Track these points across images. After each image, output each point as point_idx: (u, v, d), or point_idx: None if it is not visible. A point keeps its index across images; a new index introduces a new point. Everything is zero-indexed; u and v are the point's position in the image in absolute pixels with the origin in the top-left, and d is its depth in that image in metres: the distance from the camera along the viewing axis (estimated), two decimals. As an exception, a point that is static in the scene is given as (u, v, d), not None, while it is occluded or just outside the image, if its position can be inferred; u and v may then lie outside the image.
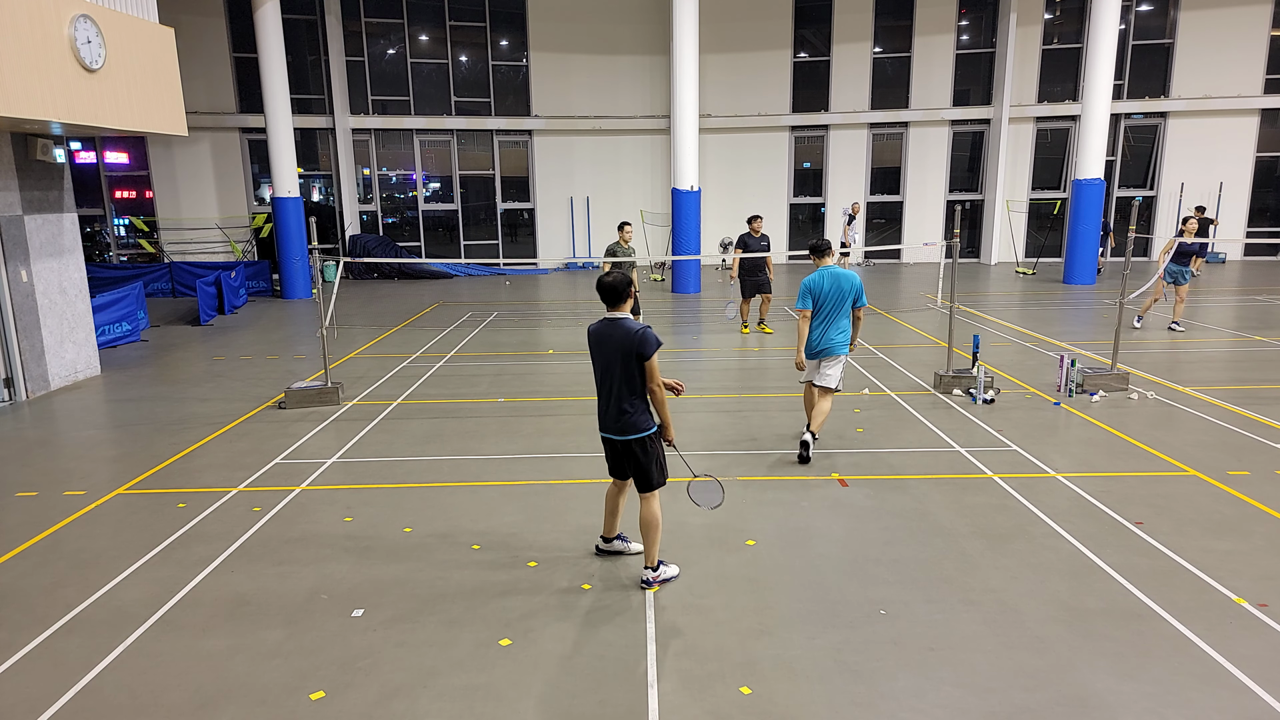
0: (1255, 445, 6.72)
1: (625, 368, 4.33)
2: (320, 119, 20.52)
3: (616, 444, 4.51)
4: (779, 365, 10.01)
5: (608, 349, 4.37)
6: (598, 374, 4.48)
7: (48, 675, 3.78)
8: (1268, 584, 4.43)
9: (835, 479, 6.09)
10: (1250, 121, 21.03)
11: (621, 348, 4.31)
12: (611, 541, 4.86)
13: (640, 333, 4.29)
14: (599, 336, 4.42)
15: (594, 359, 4.48)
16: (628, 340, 4.29)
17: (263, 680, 3.72)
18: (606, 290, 4.40)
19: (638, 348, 4.28)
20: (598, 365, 4.46)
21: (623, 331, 4.32)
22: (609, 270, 4.41)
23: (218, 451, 6.98)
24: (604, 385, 4.45)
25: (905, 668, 3.74)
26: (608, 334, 4.37)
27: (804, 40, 21.62)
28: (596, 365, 4.47)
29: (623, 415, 4.41)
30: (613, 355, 4.35)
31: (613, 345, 4.35)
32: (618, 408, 4.41)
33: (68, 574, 4.78)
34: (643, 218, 21.50)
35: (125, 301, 12.08)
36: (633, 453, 4.46)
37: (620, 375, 4.35)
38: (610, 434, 4.51)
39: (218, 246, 20.81)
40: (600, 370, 4.45)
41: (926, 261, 21.79)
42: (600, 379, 4.47)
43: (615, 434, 4.48)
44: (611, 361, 4.36)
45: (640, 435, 4.43)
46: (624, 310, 4.39)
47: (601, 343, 4.41)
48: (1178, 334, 11.40)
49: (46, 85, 7.49)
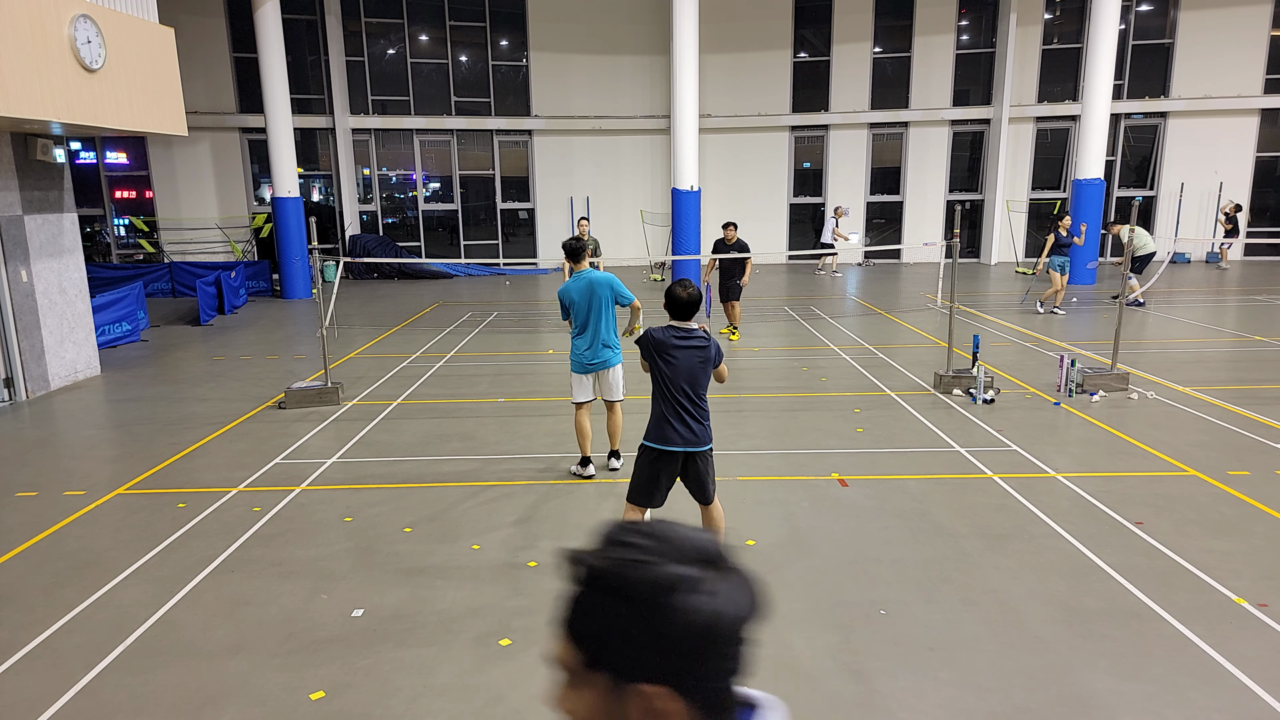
0: (1255, 445, 6.72)
1: (703, 376, 4.29)
2: (320, 119, 20.52)
3: (689, 457, 4.30)
4: (779, 365, 10.01)
5: (686, 359, 4.25)
6: (667, 386, 4.26)
7: (48, 675, 3.78)
8: (1268, 584, 4.43)
9: (835, 479, 6.09)
10: (1250, 121, 21.02)
11: (701, 357, 4.26)
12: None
13: (714, 341, 4.33)
14: (672, 347, 4.25)
15: (666, 371, 4.27)
16: (707, 350, 4.27)
17: (263, 680, 3.72)
18: (682, 305, 4.29)
19: (715, 357, 4.30)
20: (668, 377, 4.26)
21: (700, 340, 4.26)
22: (682, 282, 4.28)
23: (218, 451, 6.98)
24: (680, 398, 4.25)
25: (905, 668, 3.74)
26: (683, 344, 4.25)
27: (804, 40, 21.61)
28: (667, 376, 4.26)
29: (703, 425, 4.31)
30: (693, 365, 4.25)
31: (691, 355, 4.25)
32: (697, 419, 4.28)
33: (68, 574, 4.78)
34: (643, 218, 21.51)
35: (125, 301, 12.08)
36: (705, 464, 4.35)
37: (698, 386, 4.27)
38: (689, 447, 4.27)
39: (218, 246, 20.81)
40: (673, 382, 4.25)
41: (926, 261, 21.78)
42: (672, 392, 4.25)
43: (696, 445, 4.29)
44: (693, 371, 4.25)
45: (711, 443, 4.37)
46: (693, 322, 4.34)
47: (679, 353, 4.25)
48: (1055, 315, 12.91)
49: (46, 85, 7.49)
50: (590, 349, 6.05)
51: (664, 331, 4.29)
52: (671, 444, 4.25)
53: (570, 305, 6.04)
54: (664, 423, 4.28)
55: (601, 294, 6.02)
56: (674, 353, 4.24)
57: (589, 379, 6.16)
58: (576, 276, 6.07)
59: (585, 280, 6.00)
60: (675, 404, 4.24)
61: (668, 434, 4.26)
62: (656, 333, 4.30)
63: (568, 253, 6.26)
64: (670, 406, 4.26)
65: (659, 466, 4.30)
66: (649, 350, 4.31)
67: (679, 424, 4.25)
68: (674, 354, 4.24)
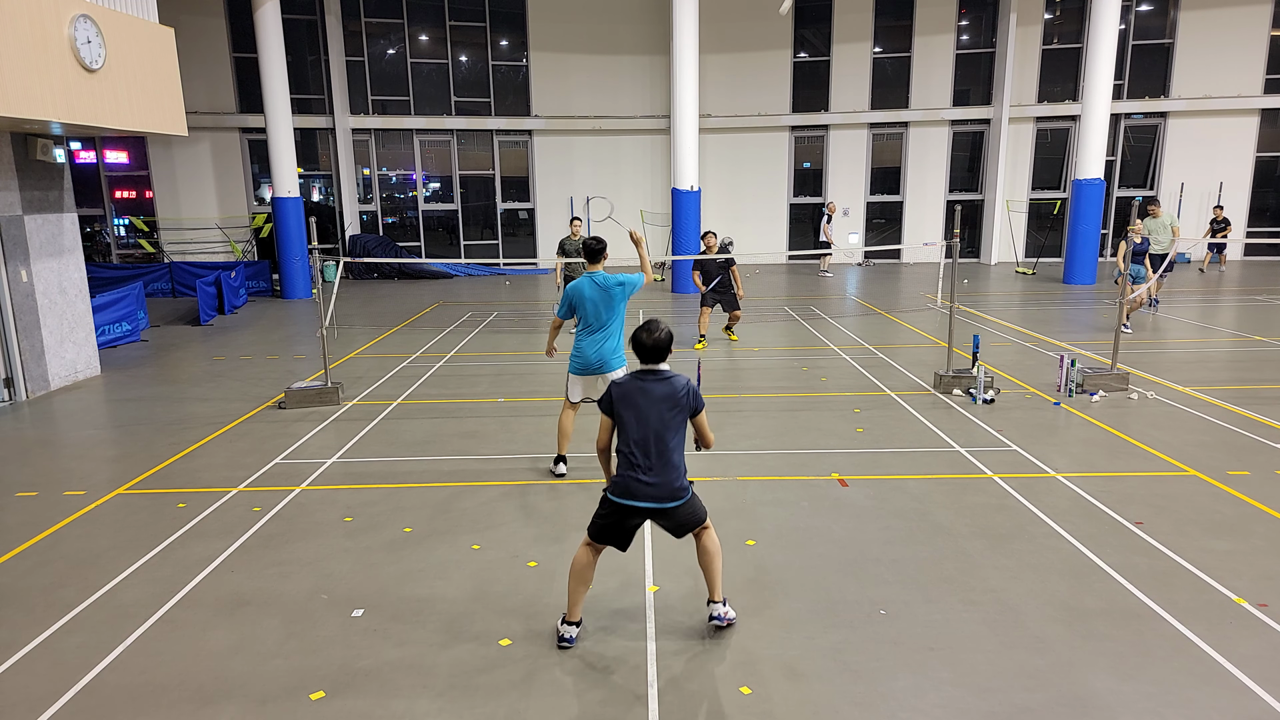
0: (1255, 445, 6.72)
1: (675, 427, 3.82)
2: (320, 119, 20.52)
3: (656, 512, 3.83)
4: (779, 365, 10.01)
5: (653, 408, 3.80)
6: (628, 437, 3.81)
7: (48, 675, 3.78)
8: (1268, 584, 4.43)
9: (835, 479, 6.09)
10: (1250, 121, 21.03)
11: (671, 404, 3.81)
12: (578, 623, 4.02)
13: (689, 386, 3.86)
14: (637, 394, 3.83)
15: (629, 419, 3.82)
16: (680, 397, 3.83)
17: (263, 680, 3.72)
18: (648, 351, 3.87)
19: (692, 403, 3.86)
20: (631, 426, 3.81)
21: (672, 386, 3.84)
22: (648, 325, 3.88)
23: (218, 451, 6.98)
24: (640, 451, 3.78)
25: (905, 668, 3.74)
26: (651, 391, 3.83)
27: (804, 40, 21.62)
28: (630, 426, 3.81)
29: (670, 475, 3.80)
30: (662, 414, 3.79)
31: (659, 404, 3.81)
32: (669, 473, 3.79)
33: (68, 574, 4.78)
34: (643, 218, 21.51)
35: (125, 301, 12.08)
36: (678, 514, 3.86)
37: (667, 437, 3.80)
38: (655, 503, 3.79)
39: (218, 246, 20.81)
40: (637, 432, 3.80)
41: (926, 261, 21.78)
42: (633, 443, 3.80)
43: (663, 501, 3.80)
44: (662, 420, 3.79)
45: (690, 493, 3.89)
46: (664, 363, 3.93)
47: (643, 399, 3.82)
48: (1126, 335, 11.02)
49: (46, 85, 7.49)
50: (595, 350, 5.98)
51: (629, 380, 3.89)
52: (635, 498, 3.78)
53: (580, 304, 5.94)
54: (626, 474, 3.80)
55: (614, 295, 5.93)
56: (639, 400, 3.82)
57: (586, 381, 6.06)
58: (586, 276, 5.98)
59: (594, 281, 5.92)
60: (636, 456, 3.78)
61: (631, 487, 3.78)
62: (622, 383, 3.90)
63: (588, 253, 6.08)
64: (632, 458, 3.79)
65: (622, 519, 3.85)
66: (607, 404, 3.90)
67: (643, 475, 3.77)
68: (639, 401, 3.81)
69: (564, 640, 3.93)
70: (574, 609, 3.96)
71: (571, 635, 3.94)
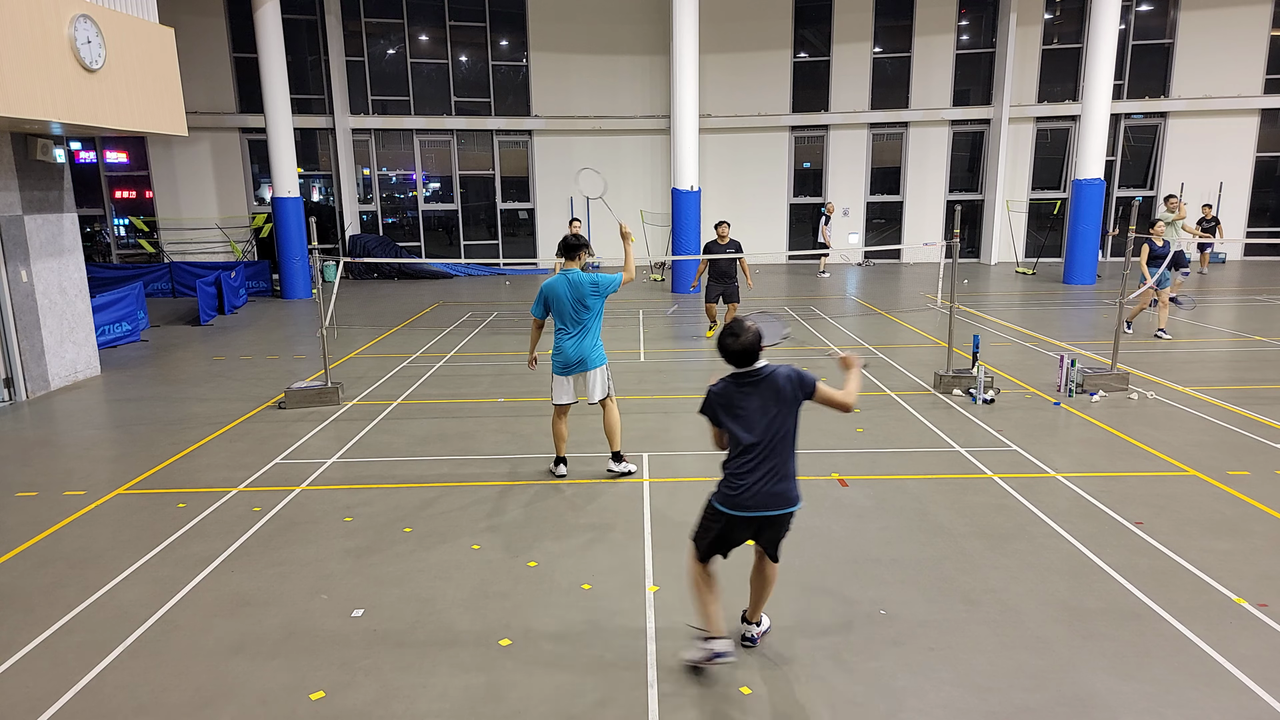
0: (1255, 445, 6.72)
1: (790, 421, 3.57)
2: (320, 119, 20.52)
3: (766, 521, 3.59)
4: (779, 365, 10.00)
5: (760, 407, 3.55)
6: (742, 443, 3.56)
7: (48, 675, 3.78)
8: (1268, 584, 4.43)
9: (835, 479, 6.09)
10: (1250, 121, 21.03)
11: (779, 398, 3.54)
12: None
13: (791, 375, 3.57)
14: (738, 397, 3.59)
15: (735, 430, 3.58)
16: (784, 387, 3.54)
17: (263, 680, 3.72)
18: (737, 355, 3.58)
19: (801, 390, 3.56)
20: (743, 435, 3.56)
21: (772, 378, 3.56)
22: (731, 328, 3.59)
23: (218, 451, 6.98)
24: (758, 455, 3.53)
25: (905, 668, 3.74)
26: (752, 390, 3.57)
27: (804, 40, 21.62)
28: (741, 435, 3.57)
29: (789, 481, 3.59)
30: (770, 412, 3.54)
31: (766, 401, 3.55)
32: (781, 475, 3.56)
33: (68, 574, 4.78)
34: (643, 218, 21.51)
35: (125, 301, 12.08)
36: (784, 528, 3.68)
37: (786, 437, 3.57)
38: (768, 511, 3.56)
39: (218, 246, 20.81)
40: (749, 440, 3.55)
41: (926, 261, 21.78)
42: (748, 448, 3.55)
43: (776, 508, 3.56)
44: (778, 418, 3.54)
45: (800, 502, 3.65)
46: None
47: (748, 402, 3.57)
48: (1164, 339, 10.98)
49: (46, 85, 7.49)
50: (573, 349, 5.92)
51: (727, 385, 3.62)
52: (746, 508, 3.55)
53: (553, 302, 5.87)
54: (736, 481, 3.57)
55: (584, 292, 5.85)
56: (740, 405, 3.57)
57: (570, 381, 6.01)
58: (562, 274, 5.92)
59: (569, 279, 5.85)
60: (752, 461, 3.55)
61: (742, 498, 3.55)
62: (716, 388, 3.66)
63: (565, 249, 6.00)
64: (745, 462, 3.56)
65: (729, 530, 3.64)
66: (711, 410, 3.66)
67: (756, 483, 3.53)
68: (741, 406, 3.57)
69: (720, 656, 3.62)
70: (712, 622, 3.67)
71: (724, 649, 3.63)
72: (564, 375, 6.00)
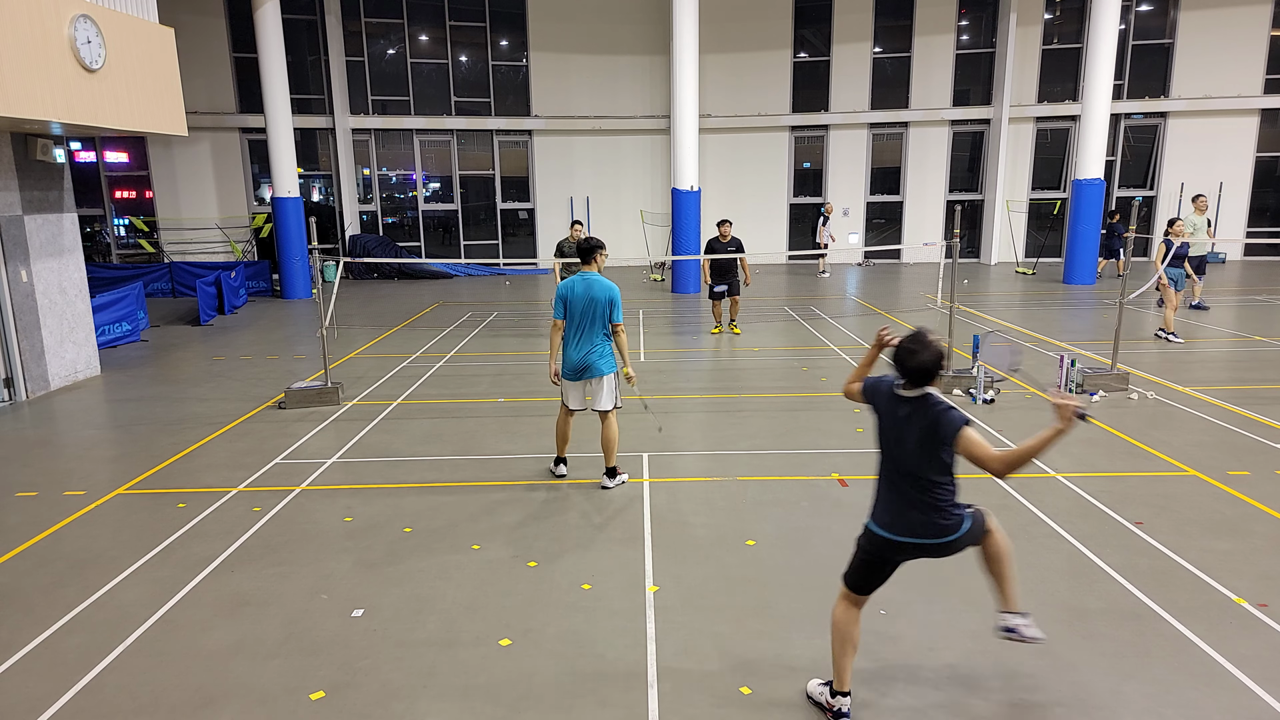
0: (1255, 445, 6.72)
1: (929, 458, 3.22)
2: (320, 119, 20.52)
3: (914, 548, 3.26)
4: (779, 365, 10.01)
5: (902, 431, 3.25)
6: (881, 455, 3.34)
7: (48, 675, 3.78)
8: (1268, 584, 4.43)
9: (835, 479, 6.09)
10: (1250, 121, 21.03)
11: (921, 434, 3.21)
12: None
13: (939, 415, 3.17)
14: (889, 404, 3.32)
15: (878, 432, 3.35)
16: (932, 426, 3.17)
17: (263, 680, 3.72)
18: (911, 373, 3.22)
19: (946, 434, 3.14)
20: (881, 443, 3.34)
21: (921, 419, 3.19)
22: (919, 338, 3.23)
23: (218, 451, 6.98)
24: (894, 475, 3.28)
25: (905, 668, 3.74)
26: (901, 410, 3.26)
27: (804, 40, 21.62)
28: (880, 442, 3.34)
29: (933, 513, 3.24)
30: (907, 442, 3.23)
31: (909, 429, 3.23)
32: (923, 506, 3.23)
33: (68, 574, 4.78)
34: (643, 218, 21.51)
35: (125, 301, 12.08)
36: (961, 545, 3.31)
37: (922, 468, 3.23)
38: (912, 538, 3.24)
39: (218, 246, 20.81)
40: (887, 451, 3.31)
41: (926, 261, 21.78)
42: (886, 463, 3.32)
43: (922, 536, 3.23)
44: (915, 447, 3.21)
45: (964, 529, 3.29)
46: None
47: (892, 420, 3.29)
48: (1174, 343, 10.77)
49: (46, 85, 7.49)
50: (581, 354, 5.80)
51: (889, 391, 3.36)
52: (890, 530, 3.27)
53: (570, 303, 5.76)
54: (880, 499, 3.33)
55: (599, 302, 5.73)
56: (889, 421, 3.31)
57: (579, 386, 5.90)
58: (581, 276, 5.80)
59: (589, 283, 5.74)
60: (891, 480, 3.30)
61: (883, 516, 3.30)
62: (883, 384, 3.41)
63: (581, 253, 5.86)
64: (886, 480, 3.32)
65: (882, 552, 3.33)
66: (870, 394, 3.45)
67: (898, 505, 3.26)
68: (890, 423, 3.30)
69: (840, 715, 3.34)
70: (841, 677, 3.36)
71: (845, 709, 3.34)
72: (573, 380, 5.89)
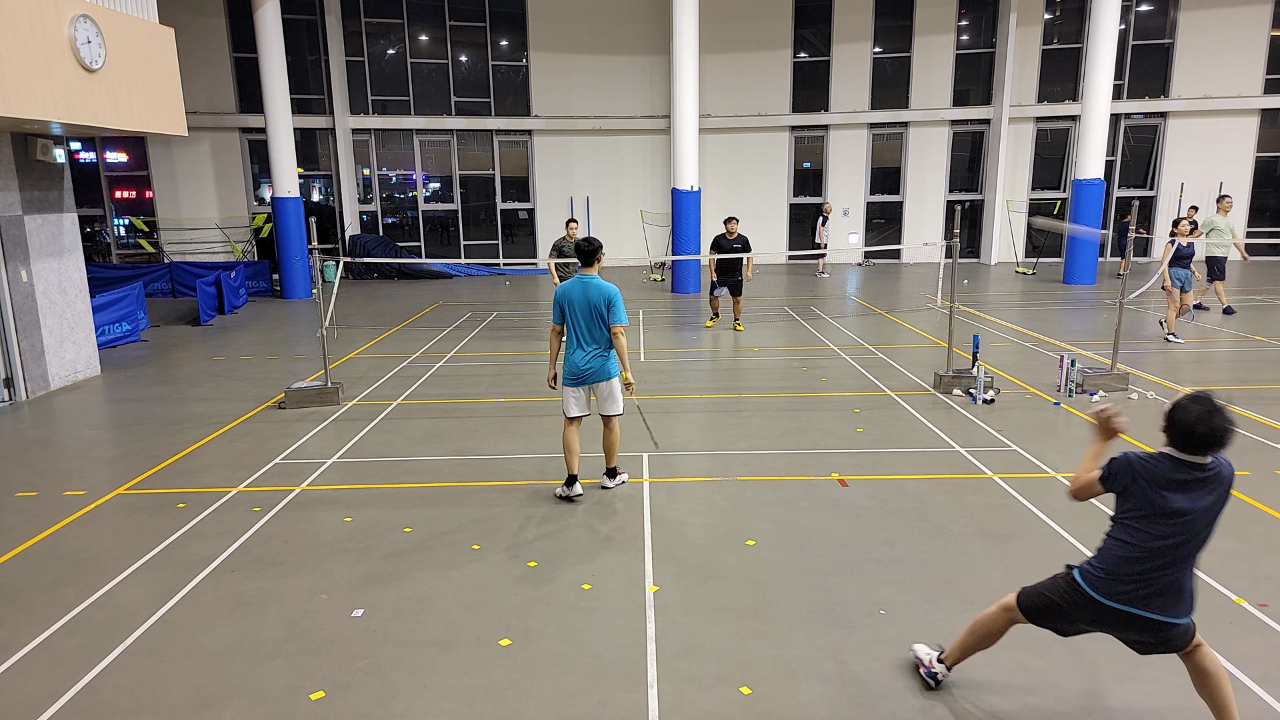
0: (1255, 445, 6.72)
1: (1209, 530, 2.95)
2: (320, 119, 20.52)
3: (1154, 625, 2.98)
4: (779, 365, 10.01)
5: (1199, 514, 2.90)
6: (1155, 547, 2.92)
7: (48, 675, 3.78)
8: (1268, 584, 4.43)
9: (835, 479, 6.09)
10: (1250, 121, 21.03)
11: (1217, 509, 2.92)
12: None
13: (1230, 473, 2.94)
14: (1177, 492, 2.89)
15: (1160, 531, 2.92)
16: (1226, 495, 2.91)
17: (263, 680, 3.72)
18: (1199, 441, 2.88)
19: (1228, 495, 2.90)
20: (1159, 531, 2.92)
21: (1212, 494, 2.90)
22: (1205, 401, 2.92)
23: (218, 451, 6.98)
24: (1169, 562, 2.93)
25: (905, 668, 3.74)
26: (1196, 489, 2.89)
27: (804, 40, 21.62)
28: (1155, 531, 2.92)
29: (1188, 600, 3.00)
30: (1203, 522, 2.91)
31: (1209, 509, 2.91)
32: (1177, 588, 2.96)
33: (68, 574, 4.78)
34: (643, 218, 21.51)
35: (125, 301, 12.08)
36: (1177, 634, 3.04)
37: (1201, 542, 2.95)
38: (1159, 615, 2.97)
39: (218, 246, 20.81)
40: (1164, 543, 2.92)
41: (926, 261, 21.78)
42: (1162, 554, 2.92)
43: (1171, 616, 2.97)
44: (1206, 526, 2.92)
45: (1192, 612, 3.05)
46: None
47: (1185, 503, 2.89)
48: (1174, 344, 10.77)
49: (46, 85, 7.49)
50: (584, 359, 5.58)
51: (1157, 462, 2.91)
52: (1134, 605, 2.95)
53: (568, 308, 5.58)
54: (1124, 579, 2.96)
55: (598, 305, 5.52)
56: (1178, 504, 2.86)
57: (582, 392, 5.67)
58: (580, 279, 5.63)
59: (587, 286, 5.54)
60: (1160, 564, 2.92)
61: (1126, 593, 2.95)
62: (1144, 462, 2.93)
63: (581, 255, 5.65)
64: (1150, 564, 2.93)
65: (1091, 618, 3.06)
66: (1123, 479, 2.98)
67: (1154, 589, 2.92)
68: (1178, 505, 2.86)
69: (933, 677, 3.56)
70: (960, 657, 3.52)
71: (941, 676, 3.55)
72: (574, 386, 5.67)
